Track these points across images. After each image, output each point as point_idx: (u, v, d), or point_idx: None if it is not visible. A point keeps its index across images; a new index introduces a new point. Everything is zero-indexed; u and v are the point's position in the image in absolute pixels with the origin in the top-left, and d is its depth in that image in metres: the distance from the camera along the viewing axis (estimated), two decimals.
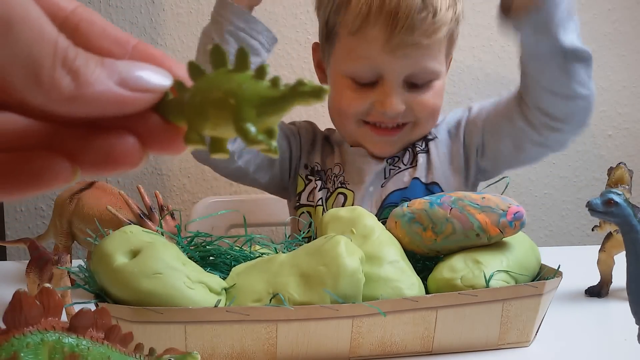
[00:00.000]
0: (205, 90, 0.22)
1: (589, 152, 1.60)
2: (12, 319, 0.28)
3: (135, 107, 0.21)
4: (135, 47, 0.22)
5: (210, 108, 0.21)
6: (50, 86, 0.20)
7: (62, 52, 0.20)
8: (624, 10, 1.57)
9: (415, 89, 0.92)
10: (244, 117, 0.21)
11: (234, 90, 0.21)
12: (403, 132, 0.94)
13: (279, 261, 0.47)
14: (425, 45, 0.88)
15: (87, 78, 0.20)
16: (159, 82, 0.22)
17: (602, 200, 0.42)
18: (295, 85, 0.21)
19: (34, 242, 0.60)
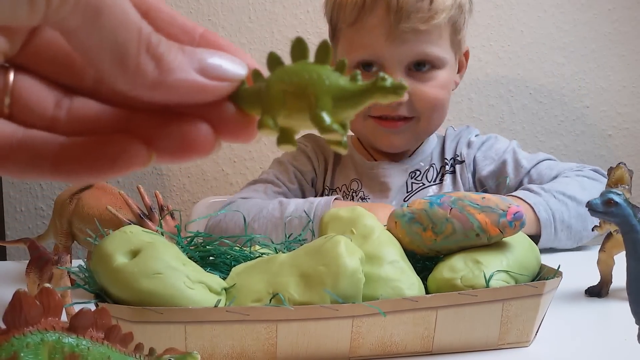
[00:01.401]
0: (282, 79, 0.22)
1: (589, 152, 1.60)
2: (12, 319, 0.28)
3: (213, 95, 0.22)
4: (202, 36, 0.23)
5: (287, 96, 0.22)
6: (135, 72, 0.20)
7: (146, 39, 0.20)
8: (624, 10, 1.57)
9: (418, 78, 0.91)
10: (320, 106, 0.21)
11: (313, 80, 0.21)
12: (407, 126, 0.94)
13: (279, 261, 0.47)
14: (424, 30, 0.88)
15: (170, 65, 0.20)
16: (236, 70, 0.22)
17: (602, 200, 0.42)
18: (375, 80, 0.21)
19: (33, 242, 0.60)
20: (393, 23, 0.87)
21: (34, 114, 0.23)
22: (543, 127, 1.60)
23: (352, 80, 0.21)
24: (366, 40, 0.91)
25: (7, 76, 0.22)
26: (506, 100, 1.58)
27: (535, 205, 0.85)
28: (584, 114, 1.60)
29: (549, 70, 1.59)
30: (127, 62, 0.20)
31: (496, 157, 1.00)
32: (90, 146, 0.22)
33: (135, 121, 0.23)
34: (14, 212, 1.49)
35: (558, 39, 1.58)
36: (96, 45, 0.19)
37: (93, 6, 0.18)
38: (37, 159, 0.22)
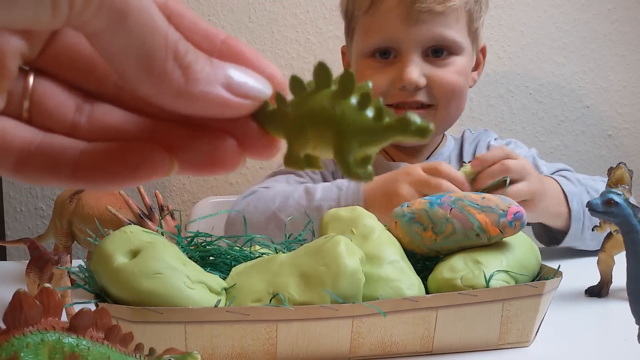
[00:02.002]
0: (306, 110, 0.21)
1: (589, 152, 1.60)
2: (12, 319, 0.28)
3: (235, 112, 0.21)
4: (224, 42, 0.22)
5: (311, 130, 0.21)
6: (161, 78, 0.20)
7: (173, 45, 0.20)
8: (624, 10, 1.57)
9: (435, 63, 0.90)
10: (346, 149, 0.21)
11: (337, 119, 0.21)
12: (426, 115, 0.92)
13: (279, 261, 0.47)
14: (440, 12, 0.87)
15: (196, 75, 0.20)
16: (261, 90, 0.22)
17: (602, 200, 0.42)
18: (401, 120, 0.20)
19: (34, 242, 0.60)
20: (409, 3, 0.87)
21: (54, 119, 0.22)
22: (543, 127, 1.60)
23: (377, 116, 0.21)
24: (382, 25, 0.90)
25: (26, 79, 0.22)
26: (506, 100, 1.58)
27: (569, 194, 0.83)
28: (584, 114, 1.60)
29: (549, 70, 1.59)
30: (153, 67, 0.19)
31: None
32: (111, 153, 0.22)
33: (158, 130, 0.22)
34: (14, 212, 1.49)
35: (558, 39, 1.58)
36: (121, 48, 0.19)
37: (118, 9, 0.18)
38: (57, 165, 0.22)
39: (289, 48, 1.49)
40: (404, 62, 0.89)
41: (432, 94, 0.91)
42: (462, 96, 0.94)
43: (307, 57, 1.50)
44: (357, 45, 0.95)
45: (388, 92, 0.91)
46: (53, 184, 0.22)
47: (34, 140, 0.22)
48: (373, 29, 0.91)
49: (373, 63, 0.92)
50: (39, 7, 0.17)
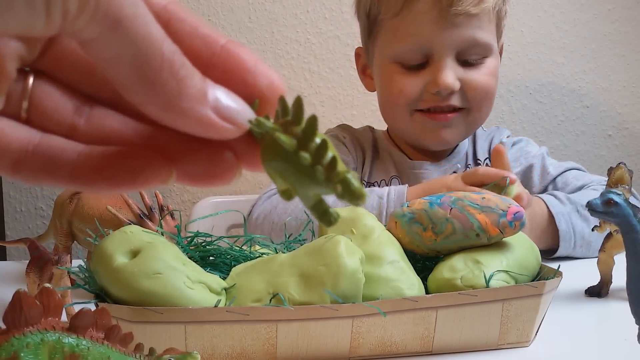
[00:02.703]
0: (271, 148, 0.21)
1: (589, 152, 1.60)
2: (12, 319, 0.28)
3: (217, 135, 0.21)
4: (224, 47, 0.22)
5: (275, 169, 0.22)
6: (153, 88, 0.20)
7: (169, 57, 0.20)
8: (624, 10, 1.57)
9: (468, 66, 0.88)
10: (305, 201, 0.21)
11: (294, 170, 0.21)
12: (458, 118, 0.90)
13: (279, 261, 0.47)
14: (475, 14, 0.85)
15: (188, 90, 0.20)
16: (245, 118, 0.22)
17: (602, 200, 0.42)
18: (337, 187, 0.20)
19: (34, 242, 0.60)
20: (445, 7, 0.84)
21: (52, 120, 0.22)
22: (543, 127, 1.60)
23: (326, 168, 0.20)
24: (414, 28, 0.87)
25: (26, 81, 0.22)
26: (506, 100, 1.58)
27: (557, 215, 0.82)
28: (584, 114, 1.60)
29: (549, 70, 1.59)
30: (146, 77, 0.19)
31: (524, 160, 0.97)
32: (110, 156, 0.22)
33: (158, 137, 0.22)
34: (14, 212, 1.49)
35: (558, 39, 1.58)
36: (114, 56, 0.19)
37: (111, 17, 0.18)
38: (55, 166, 0.22)
39: (289, 48, 1.49)
40: (437, 66, 0.86)
41: (465, 97, 0.89)
42: (493, 98, 0.92)
43: (307, 57, 1.50)
44: (384, 48, 0.91)
45: (420, 97, 0.88)
46: (51, 184, 0.22)
47: (32, 141, 0.22)
48: (403, 32, 0.88)
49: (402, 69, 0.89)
50: (33, 15, 0.17)
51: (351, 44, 1.51)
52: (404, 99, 0.89)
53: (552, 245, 0.83)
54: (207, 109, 0.21)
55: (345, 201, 0.20)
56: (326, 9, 1.51)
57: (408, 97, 0.89)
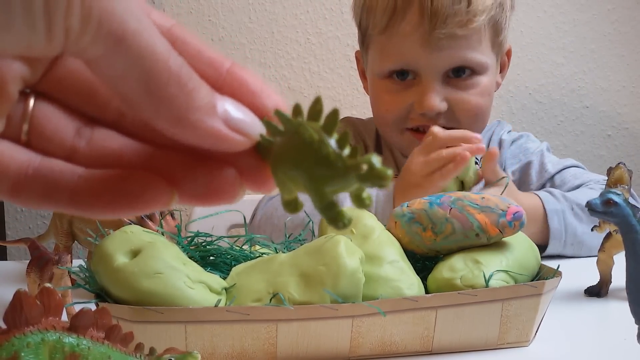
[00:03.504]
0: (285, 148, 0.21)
1: (589, 152, 1.60)
2: (12, 319, 0.28)
3: (228, 147, 0.21)
4: (230, 71, 0.22)
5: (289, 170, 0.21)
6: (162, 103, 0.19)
7: (176, 70, 0.19)
8: (624, 10, 1.57)
9: (457, 86, 0.85)
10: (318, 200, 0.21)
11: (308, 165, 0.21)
12: None
13: (279, 261, 0.47)
14: (462, 35, 0.81)
15: (197, 103, 0.20)
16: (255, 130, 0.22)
17: (602, 200, 0.42)
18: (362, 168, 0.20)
19: (34, 242, 0.60)
20: (428, 29, 0.80)
21: (53, 142, 0.22)
22: (543, 127, 1.60)
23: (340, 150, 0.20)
24: (399, 49, 0.84)
25: (27, 103, 0.22)
26: (506, 100, 1.58)
27: (550, 213, 0.81)
28: (583, 114, 1.60)
29: (548, 71, 1.59)
30: (153, 92, 0.19)
31: (523, 157, 0.96)
32: (110, 180, 0.21)
33: (159, 158, 0.22)
34: (15, 212, 1.49)
35: (558, 39, 1.58)
36: (120, 73, 0.19)
37: (115, 35, 0.18)
38: (54, 189, 0.21)
39: (289, 48, 1.49)
40: (424, 88, 0.84)
41: (454, 117, 0.86)
42: (485, 116, 0.90)
43: (307, 57, 1.50)
44: (373, 64, 0.90)
45: (407, 117, 0.87)
46: (50, 208, 0.22)
47: (32, 164, 0.21)
48: (389, 51, 0.86)
49: (391, 85, 0.87)
50: (33, 34, 0.17)
51: (351, 44, 1.52)
52: (392, 118, 0.88)
53: (543, 242, 0.83)
54: (217, 120, 0.20)
55: (371, 184, 0.20)
56: (326, 9, 1.51)
57: (396, 116, 0.87)
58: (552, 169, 0.94)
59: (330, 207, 0.21)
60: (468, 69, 0.86)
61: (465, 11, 0.81)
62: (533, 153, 0.97)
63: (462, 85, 0.86)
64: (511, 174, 0.96)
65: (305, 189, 0.21)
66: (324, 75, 1.51)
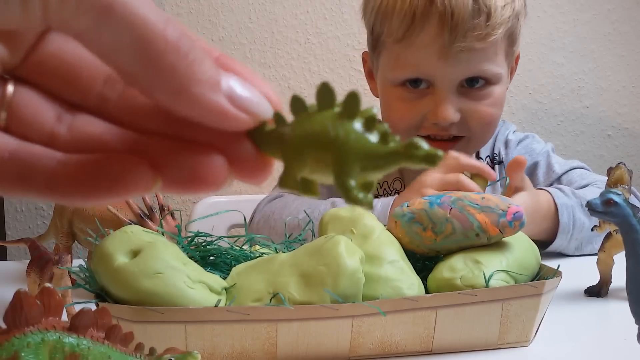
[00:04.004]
0: (307, 131, 0.20)
1: (589, 152, 1.60)
2: (12, 319, 0.28)
3: (232, 125, 0.20)
4: (218, 59, 0.21)
5: (310, 152, 0.20)
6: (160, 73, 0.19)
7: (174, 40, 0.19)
8: (623, 11, 1.57)
9: (471, 96, 0.85)
10: (346, 172, 0.20)
11: (339, 140, 0.20)
12: (457, 146, 0.87)
13: (279, 261, 0.47)
14: (479, 48, 0.81)
15: (199, 76, 0.19)
16: (262, 108, 0.21)
17: (602, 200, 0.42)
18: (408, 146, 0.19)
19: (34, 241, 0.60)
20: (447, 42, 0.80)
21: (32, 127, 0.21)
22: (543, 127, 1.60)
23: (382, 140, 0.20)
24: (415, 59, 0.84)
25: (5, 88, 0.21)
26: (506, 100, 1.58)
27: (560, 207, 0.81)
28: (583, 114, 1.60)
29: (548, 70, 1.59)
30: (151, 61, 0.18)
31: (529, 157, 0.95)
32: (89, 164, 0.21)
33: (143, 144, 0.21)
34: (15, 212, 1.49)
35: (558, 39, 1.58)
36: (112, 45, 0.18)
37: (100, 5, 0.17)
38: (30, 175, 0.20)
39: (289, 48, 1.49)
40: (438, 98, 0.83)
41: (466, 127, 0.86)
42: (496, 126, 0.90)
43: (307, 57, 1.50)
44: (385, 70, 0.89)
45: (420, 125, 0.86)
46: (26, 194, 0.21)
47: (7, 147, 0.21)
48: (405, 61, 0.85)
49: (404, 93, 0.86)
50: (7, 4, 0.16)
51: (351, 44, 1.52)
52: (404, 126, 0.88)
53: (551, 237, 0.83)
54: (220, 96, 0.20)
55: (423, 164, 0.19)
56: (326, 9, 1.51)
57: (408, 125, 0.87)
58: (559, 170, 0.94)
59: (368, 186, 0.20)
60: (482, 79, 0.86)
61: (484, 25, 0.81)
62: (539, 154, 0.97)
63: (475, 95, 0.86)
64: None
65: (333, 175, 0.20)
66: (324, 75, 1.51)
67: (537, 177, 0.95)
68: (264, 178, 0.22)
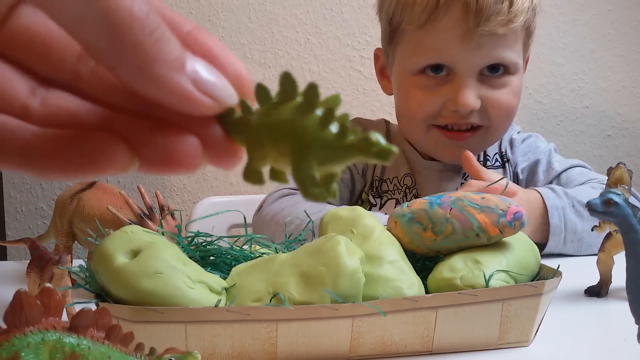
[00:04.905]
0: (268, 121, 0.20)
1: (589, 152, 1.60)
2: (12, 319, 0.28)
3: (195, 109, 0.20)
4: (190, 33, 0.21)
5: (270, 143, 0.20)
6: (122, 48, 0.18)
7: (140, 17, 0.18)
8: (623, 11, 1.57)
9: (491, 84, 0.86)
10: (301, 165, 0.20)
11: (296, 133, 0.20)
12: (475, 136, 0.88)
13: (279, 261, 0.47)
14: (501, 34, 0.82)
15: (163, 56, 0.19)
16: (226, 94, 0.21)
17: (602, 200, 0.42)
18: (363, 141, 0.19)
19: (34, 242, 0.60)
20: (471, 26, 0.81)
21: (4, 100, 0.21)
22: (543, 127, 1.60)
23: (340, 131, 0.20)
24: (437, 44, 0.84)
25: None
26: None
27: (550, 209, 0.81)
28: (583, 114, 1.60)
29: (548, 71, 1.59)
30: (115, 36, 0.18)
31: (532, 155, 0.97)
32: (66, 139, 0.20)
33: (118, 121, 0.21)
34: (15, 212, 1.49)
35: (558, 39, 1.58)
36: (76, 15, 0.18)
37: None
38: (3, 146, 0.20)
39: (289, 48, 1.49)
40: (458, 85, 0.84)
41: (486, 115, 0.87)
42: (513, 117, 0.90)
43: (307, 58, 1.50)
44: (404, 60, 0.89)
45: (439, 113, 0.86)
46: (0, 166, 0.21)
47: None
48: (426, 46, 0.85)
49: (424, 80, 0.86)
50: None
51: (351, 44, 1.52)
52: (422, 114, 0.87)
53: (543, 239, 0.83)
54: (184, 78, 0.19)
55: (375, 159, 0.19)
56: (326, 9, 1.51)
57: (427, 113, 0.87)
58: (558, 167, 0.94)
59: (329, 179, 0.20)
60: (502, 66, 0.86)
61: (507, 11, 0.82)
62: (542, 152, 0.98)
63: (496, 83, 0.86)
64: (520, 172, 0.97)
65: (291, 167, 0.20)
66: (324, 75, 1.51)
67: (537, 174, 0.95)
68: (233, 164, 0.22)
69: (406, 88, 0.89)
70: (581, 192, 0.85)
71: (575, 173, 0.94)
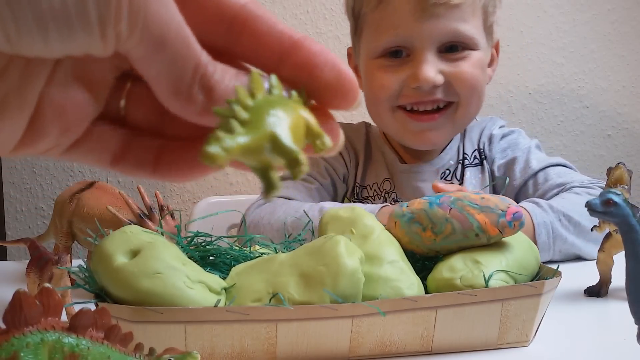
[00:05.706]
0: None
1: (589, 152, 1.60)
2: (12, 319, 0.28)
3: None
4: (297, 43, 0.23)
5: None
6: (186, 100, 0.21)
7: (202, 70, 0.21)
8: (623, 11, 1.57)
9: (451, 59, 0.85)
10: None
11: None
12: (445, 115, 0.87)
13: (278, 261, 0.47)
14: (456, 5, 0.82)
15: (220, 93, 0.22)
16: None
17: (601, 200, 0.42)
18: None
19: (34, 242, 0.60)
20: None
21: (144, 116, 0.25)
22: (542, 127, 1.60)
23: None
24: (393, 21, 0.84)
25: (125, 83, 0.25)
26: (505, 100, 1.58)
27: (538, 227, 0.78)
28: (583, 114, 1.60)
29: (548, 71, 1.59)
30: (179, 91, 0.21)
31: (510, 152, 0.95)
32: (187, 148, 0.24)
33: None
34: (15, 212, 1.49)
35: (557, 39, 1.58)
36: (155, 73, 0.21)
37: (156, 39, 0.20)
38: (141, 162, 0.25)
39: None
40: (417, 60, 0.84)
41: (452, 90, 0.86)
42: (482, 91, 0.89)
43: None
44: (366, 45, 0.90)
45: (400, 92, 0.86)
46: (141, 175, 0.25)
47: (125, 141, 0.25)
48: (383, 26, 0.86)
49: (384, 62, 0.87)
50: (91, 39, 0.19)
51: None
52: (384, 94, 0.87)
53: None
54: None
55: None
56: (326, 9, 1.51)
57: (388, 91, 0.87)
58: (536, 166, 0.92)
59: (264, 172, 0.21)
60: (461, 44, 0.86)
61: None
62: (521, 149, 0.95)
63: (456, 57, 0.86)
64: (497, 169, 0.95)
65: None
66: None
67: (513, 172, 0.93)
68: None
69: (369, 72, 0.90)
70: (566, 204, 0.82)
71: (553, 173, 0.91)
